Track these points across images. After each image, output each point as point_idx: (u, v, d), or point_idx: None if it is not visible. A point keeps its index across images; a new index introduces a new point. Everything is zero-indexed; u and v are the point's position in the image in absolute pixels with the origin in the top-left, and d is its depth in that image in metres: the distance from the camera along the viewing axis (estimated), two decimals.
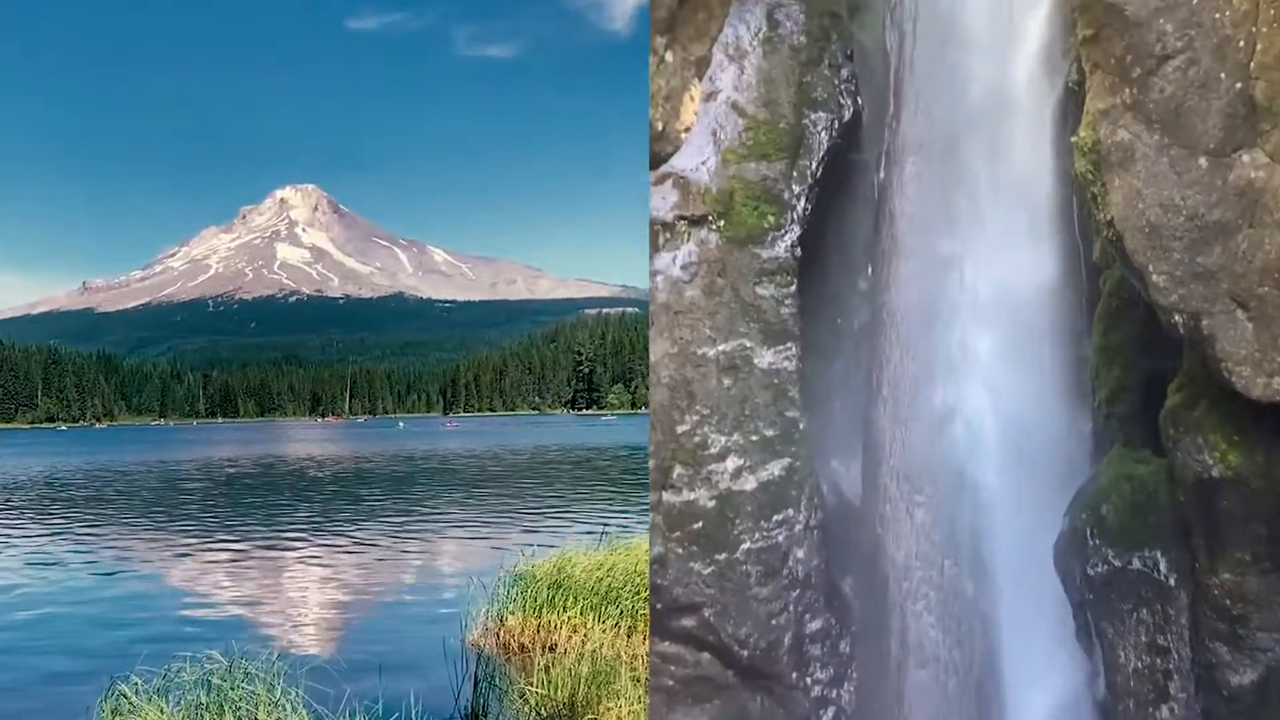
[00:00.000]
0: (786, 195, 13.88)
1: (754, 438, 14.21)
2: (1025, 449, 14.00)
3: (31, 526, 43.54)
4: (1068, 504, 14.08)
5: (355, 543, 38.20)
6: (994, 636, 14.35)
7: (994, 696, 14.41)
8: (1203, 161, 13.26)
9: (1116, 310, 13.92)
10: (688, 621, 14.51)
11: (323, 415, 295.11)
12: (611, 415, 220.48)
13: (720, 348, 14.07)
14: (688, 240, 13.95)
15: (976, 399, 13.89)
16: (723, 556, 14.42)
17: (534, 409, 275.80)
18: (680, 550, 14.37)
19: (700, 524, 14.34)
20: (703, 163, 13.87)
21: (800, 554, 14.43)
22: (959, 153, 13.70)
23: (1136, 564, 14.10)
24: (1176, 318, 13.46)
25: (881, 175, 14.07)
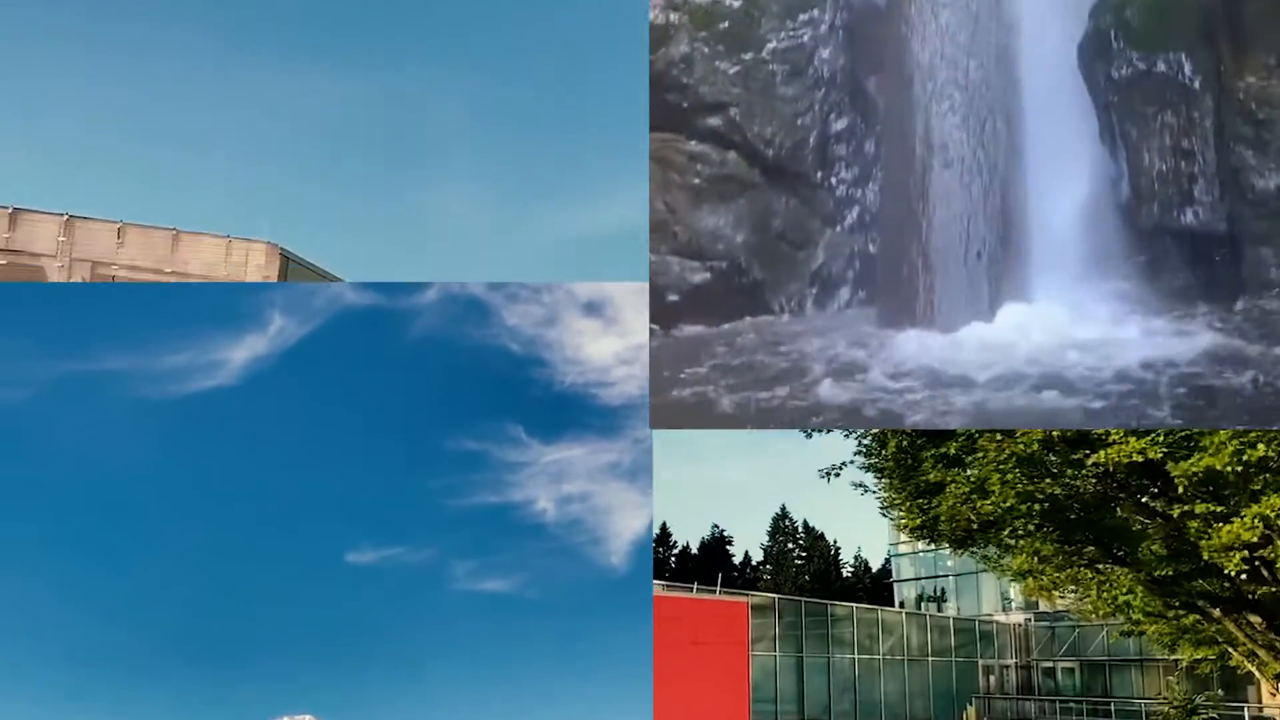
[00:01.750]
0: None
1: None
2: None
3: None
4: (1092, 4, 14.29)
5: None
6: (1018, 138, 14.35)
7: (1018, 200, 14.33)
8: None
9: None
10: (714, 120, 14.66)
11: None
12: None
13: None
14: None
15: None
16: (749, 56, 14.65)
17: None
18: (706, 50, 14.61)
19: (726, 24, 14.62)
20: None
21: (825, 54, 14.65)
22: None
23: (1161, 66, 14.19)
24: None
25: None
